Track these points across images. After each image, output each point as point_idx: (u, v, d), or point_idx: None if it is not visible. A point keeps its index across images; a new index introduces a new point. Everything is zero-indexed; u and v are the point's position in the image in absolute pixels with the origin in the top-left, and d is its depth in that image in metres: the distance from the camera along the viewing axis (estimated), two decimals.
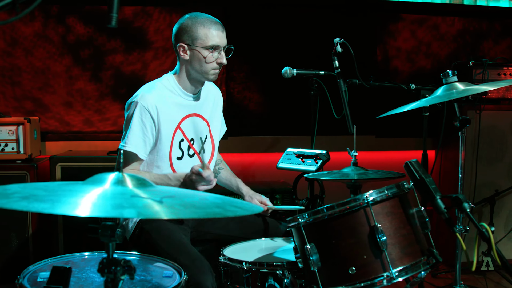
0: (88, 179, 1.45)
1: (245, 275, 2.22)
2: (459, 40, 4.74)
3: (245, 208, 1.30)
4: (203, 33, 2.59)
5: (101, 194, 1.31)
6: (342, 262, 1.87)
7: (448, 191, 4.34)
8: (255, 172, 4.57)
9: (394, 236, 1.87)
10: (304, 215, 1.94)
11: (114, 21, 1.46)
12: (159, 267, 2.14)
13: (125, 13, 4.28)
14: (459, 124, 2.28)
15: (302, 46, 4.47)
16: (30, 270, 2.04)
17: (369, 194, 1.88)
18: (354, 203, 1.87)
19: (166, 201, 1.23)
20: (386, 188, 1.91)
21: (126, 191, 1.37)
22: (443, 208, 1.79)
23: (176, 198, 1.28)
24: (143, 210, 1.17)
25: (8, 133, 3.74)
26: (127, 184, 1.42)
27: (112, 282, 1.47)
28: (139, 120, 2.55)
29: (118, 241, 1.46)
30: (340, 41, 2.66)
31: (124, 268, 1.46)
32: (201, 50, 2.59)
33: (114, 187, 1.39)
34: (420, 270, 1.89)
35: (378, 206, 1.88)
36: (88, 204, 1.19)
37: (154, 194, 1.34)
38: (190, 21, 2.61)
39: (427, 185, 1.82)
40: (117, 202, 1.21)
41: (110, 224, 1.44)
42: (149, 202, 1.22)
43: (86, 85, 4.29)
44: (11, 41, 4.14)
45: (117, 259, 1.47)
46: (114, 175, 1.45)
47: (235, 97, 4.50)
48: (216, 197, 1.37)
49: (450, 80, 2.29)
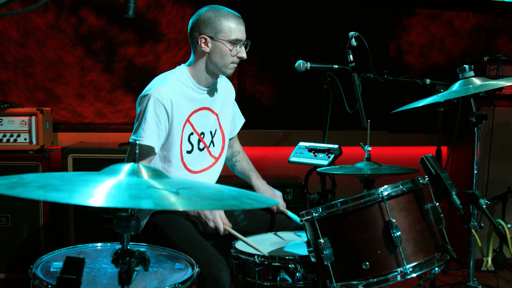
0: (103, 169, 1.45)
1: (257, 268, 2.21)
2: (474, 35, 4.70)
3: (261, 201, 1.29)
4: (227, 26, 2.57)
5: (117, 185, 1.31)
6: (355, 257, 1.86)
7: (460, 187, 4.30)
8: (266, 165, 4.56)
9: (408, 232, 1.86)
10: (318, 209, 1.93)
11: (132, 11, 1.45)
12: (171, 260, 2.14)
13: (137, 5, 4.23)
14: (475, 120, 2.26)
15: (314, 39, 4.44)
16: (44, 259, 2.05)
17: (384, 189, 1.86)
18: (368, 198, 1.86)
19: (182, 192, 1.23)
20: (401, 183, 1.90)
21: (142, 182, 1.36)
22: (459, 204, 1.77)
23: (192, 190, 1.27)
24: (159, 201, 1.17)
25: (21, 124, 3.76)
26: (142, 175, 1.42)
27: (127, 273, 1.47)
28: (153, 114, 2.53)
29: (133, 232, 1.46)
30: (355, 34, 2.64)
31: (138, 260, 1.46)
32: (224, 43, 2.58)
33: (129, 178, 1.39)
34: (434, 266, 1.88)
35: (393, 201, 1.87)
36: (103, 194, 1.19)
37: (170, 185, 1.34)
38: (214, 14, 2.58)
39: (443, 181, 1.80)
40: (134, 192, 1.21)
41: (125, 215, 1.44)
42: (166, 193, 1.22)
43: (99, 76, 4.29)
44: (24, 32, 4.15)
45: (131, 250, 1.47)
46: (130, 166, 1.44)
47: (247, 91, 4.49)
48: (232, 189, 1.36)
49: (466, 75, 2.26)
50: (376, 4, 4.58)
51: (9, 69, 4.16)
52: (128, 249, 1.48)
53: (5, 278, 3.64)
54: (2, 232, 3.65)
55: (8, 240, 3.65)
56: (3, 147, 3.72)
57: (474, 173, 2.39)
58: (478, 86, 2.20)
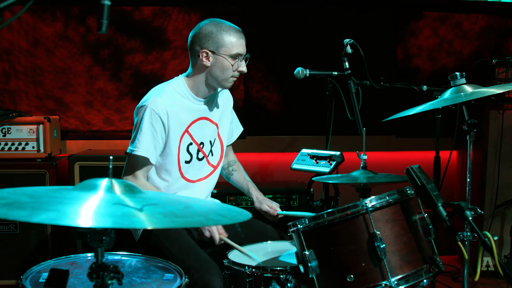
0: (78, 184, 1.46)
1: (247, 279, 2.21)
2: (483, 38, 4.63)
3: (229, 217, 1.29)
4: (228, 41, 2.57)
5: (84, 202, 1.31)
6: (340, 269, 1.84)
7: (471, 193, 4.24)
8: (273, 172, 4.55)
9: (394, 244, 1.83)
10: (304, 220, 1.92)
11: (104, 27, 1.46)
12: (161, 270, 2.14)
13: (144, 13, 4.30)
14: (467, 128, 2.22)
15: (321, 45, 4.42)
16: (34, 270, 2.07)
17: (369, 200, 1.84)
18: (353, 210, 1.84)
19: (146, 209, 1.23)
20: (387, 194, 1.87)
21: (113, 198, 1.37)
22: (445, 215, 1.74)
23: (158, 206, 1.27)
24: (119, 219, 1.17)
25: (29, 132, 3.81)
26: (115, 190, 1.42)
27: (101, 287, 1.48)
28: (149, 125, 2.54)
29: (107, 246, 1.47)
30: (350, 41, 2.62)
31: (111, 274, 1.47)
32: (225, 57, 2.58)
33: (102, 193, 1.40)
34: (421, 279, 1.85)
35: (378, 212, 1.84)
36: (64, 212, 1.19)
37: (139, 201, 1.34)
38: (215, 28, 2.57)
39: (428, 192, 1.77)
40: (96, 210, 1.21)
41: (99, 229, 1.45)
42: (129, 211, 1.22)
43: (106, 84, 4.33)
44: (33, 41, 4.21)
45: (105, 264, 1.48)
46: (105, 181, 1.45)
47: (253, 97, 4.49)
48: (201, 205, 1.36)
49: (458, 83, 2.23)
50: (383, 8, 4.54)
51: (19, 78, 4.23)
52: (102, 263, 1.49)
53: (15, 285, 3.69)
54: (11, 239, 3.70)
55: (16, 248, 3.71)
56: (12, 155, 3.78)
57: (467, 181, 2.35)
58: (469, 94, 2.17)
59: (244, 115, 4.45)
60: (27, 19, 4.18)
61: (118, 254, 2.28)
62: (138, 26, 4.31)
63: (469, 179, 2.33)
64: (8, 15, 4.14)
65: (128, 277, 2.08)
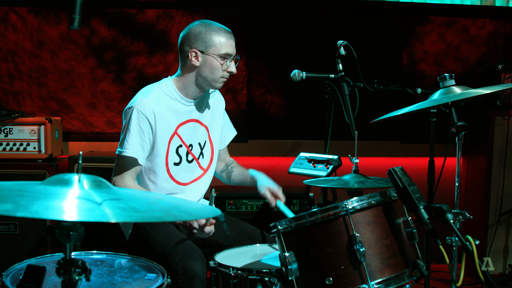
0: (47, 179, 1.46)
1: (232, 281, 2.18)
2: (490, 43, 4.56)
3: (193, 214, 1.27)
4: (217, 41, 2.57)
5: (52, 195, 1.31)
6: (319, 272, 1.81)
7: (475, 200, 4.17)
8: (275, 176, 4.45)
9: (374, 247, 1.79)
10: (285, 221, 1.89)
11: (77, 23, 1.45)
12: (144, 270, 2.13)
13: (148, 16, 4.31)
14: (455, 130, 2.18)
15: (325, 49, 4.37)
16: (16, 268, 2.07)
17: (350, 201, 1.81)
18: (333, 211, 1.80)
19: (106, 203, 1.21)
20: (368, 195, 1.83)
21: (79, 193, 1.36)
22: (427, 218, 1.70)
23: (120, 201, 1.26)
24: (77, 212, 1.16)
25: (30, 133, 3.83)
26: (83, 185, 1.41)
27: (68, 283, 1.47)
28: (136, 126, 2.54)
29: (74, 242, 1.46)
30: (343, 43, 2.59)
31: (78, 270, 1.45)
32: (214, 57, 2.57)
33: (69, 188, 1.39)
34: (403, 283, 1.80)
35: (359, 214, 1.80)
36: (23, 204, 1.18)
37: (102, 195, 1.33)
38: (204, 28, 2.58)
39: (410, 194, 1.73)
40: (52, 203, 1.20)
41: (67, 225, 1.44)
42: (88, 205, 1.21)
43: (110, 86, 4.35)
44: (38, 43, 4.25)
45: (73, 260, 1.47)
46: (76, 176, 1.44)
47: (256, 100, 4.47)
48: (167, 202, 1.34)
49: (447, 84, 2.19)
50: (389, 12, 4.49)
51: (23, 79, 4.27)
52: (70, 259, 1.48)
53: None
54: (11, 239, 3.72)
55: (16, 247, 3.72)
56: (13, 155, 3.80)
57: (456, 185, 2.29)
58: (458, 95, 2.13)
59: (246, 118, 4.44)
60: (31, 21, 4.22)
61: (103, 254, 2.27)
62: (142, 29, 4.33)
63: (458, 183, 2.28)
64: (13, 17, 4.19)
65: (110, 276, 2.07)
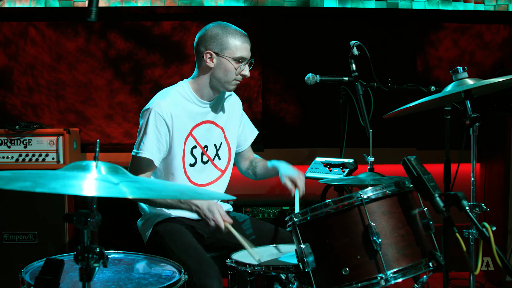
0: (65, 166, 1.49)
1: (249, 278, 2.18)
2: (505, 48, 4.54)
3: (205, 194, 1.28)
4: (233, 44, 2.61)
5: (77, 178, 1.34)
6: (335, 263, 1.81)
7: (494, 205, 4.12)
8: None
9: (390, 236, 1.79)
10: (299, 214, 1.90)
11: (94, 15, 1.49)
12: (161, 267, 2.14)
13: (163, 28, 4.38)
14: (469, 122, 2.17)
15: (339, 57, 4.40)
16: (35, 266, 2.11)
17: (364, 191, 1.81)
18: (349, 201, 1.81)
19: (123, 184, 1.24)
20: (383, 185, 1.84)
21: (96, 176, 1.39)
22: (442, 206, 1.69)
23: (137, 183, 1.28)
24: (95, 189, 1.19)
25: (49, 144, 3.89)
26: (101, 170, 1.44)
27: (86, 269, 1.49)
28: (153, 127, 2.58)
29: (92, 228, 1.48)
30: (356, 43, 2.61)
31: (96, 256, 1.48)
32: (229, 60, 2.61)
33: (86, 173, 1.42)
34: (420, 272, 1.79)
35: (374, 204, 1.81)
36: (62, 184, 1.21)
37: (121, 178, 1.35)
38: (221, 30, 2.62)
39: (425, 183, 1.73)
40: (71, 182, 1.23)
41: (85, 212, 1.47)
42: (106, 184, 1.23)
43: (126, 98, 4.40)
44: (56, 56, 4.32)
45: (91, 247, 1.49)
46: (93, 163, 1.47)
47: (271, 109, 4.49)
48: (181, 185, 1.36)
49: (460, 77, 2.20)
50: (402, 20, 4.51)
51: (42, 92, 4.34)
52: (88, 246, 1.50)
53: None
54: (30, 249, 3.75)
55: (35, 257, 3.73)
56: (33, 166, 3.85)
57: (471, 180, 2.28)
58: (471, 84, 2.13)
59: (262, 127, 4.43)
60: (50, 34, 4.30)
61: (120, 253, 2.29)
62: (158, 41, 4.39)
63: (473, 178, 2.26)
64: (32, 31, 4.28)
65: (128, 273, 2.09)
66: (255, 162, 3.04)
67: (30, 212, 3.68)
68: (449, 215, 1.69)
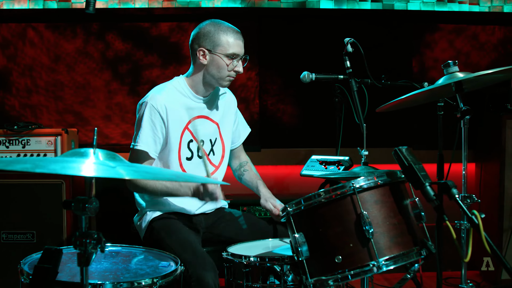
0: (64, 153, 1.52)
1: (244, 269, 2.21)
2: (500, 49, 4.59)
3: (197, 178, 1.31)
4: (225, 41, 2.65)
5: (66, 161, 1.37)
6: (328, 251, 1.84)
7: (490, 205, 4.15)
8: (289, 184, 4.55)
9: (382, 225, 1.82)
10: (295, 203, 1.93)
11: (92, 7, 1.52)
12: (158, 259, 2.17)
13: (161, 29, 4.42)
14: (460, 115, 2.21)
15: (335, 58, 4.44)
16: (34, 257, 2.13)
17: (356, 181, 1.84)
18: (341, 190, 1.84)
19: (120, 167, 1.27)
20: (375, 175, 1.87)
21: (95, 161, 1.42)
22: (433, 195, 1.72)
23: (134, 167, 1.31)
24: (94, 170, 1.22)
25: (47, 144, 3.91)
26: (98, 157, 1.47)
27: (84, 254, 1.52)
28: (149, 120, 2.63)
29: (90, 214, 1.51)
30: (350, 40, 2.65)
31: (93, 242, 1.50)
32: (221, 56, 2.65)
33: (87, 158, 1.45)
34: (411, 260, 1.82)
35: (366, 193, 1.84)
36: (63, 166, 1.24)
37: (119, 164, 1.39)
38: (213, 27, 2.67)
39: (415, 172, 1.76)
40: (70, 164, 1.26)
41: (83, 198, 1.49)
42: (104, 167, 1.26)
43: (125, 99, 4.44)
44: (54, 57, 4.36)
45: (88, 232, 1.52)
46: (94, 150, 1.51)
47: (268, 110, 4.53)
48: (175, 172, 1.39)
49: (451, 70, 2.24)
50: (398, 21, 4.56)
51: (40, 93, 4.37)
52: (86, 231, 1.53)
53: None
54: (28, 248, 3.75)
55: None
56: None
57: (463, 173, 2.31)
58: (461, 77, 2.18)
59: (259, 128, 4.48)
60: (48, 36, 4.34)
61: (118, 246, 2.32)
62: (156, 42, 4.43)
63: (464, 172, 2.29)
64: (31, 33, 4.32)
65: (125, 264, 2.11)
66: (244, 169, 3.03)
67: (28, 212, 3.71)
68: (440, 203, 1.72)
